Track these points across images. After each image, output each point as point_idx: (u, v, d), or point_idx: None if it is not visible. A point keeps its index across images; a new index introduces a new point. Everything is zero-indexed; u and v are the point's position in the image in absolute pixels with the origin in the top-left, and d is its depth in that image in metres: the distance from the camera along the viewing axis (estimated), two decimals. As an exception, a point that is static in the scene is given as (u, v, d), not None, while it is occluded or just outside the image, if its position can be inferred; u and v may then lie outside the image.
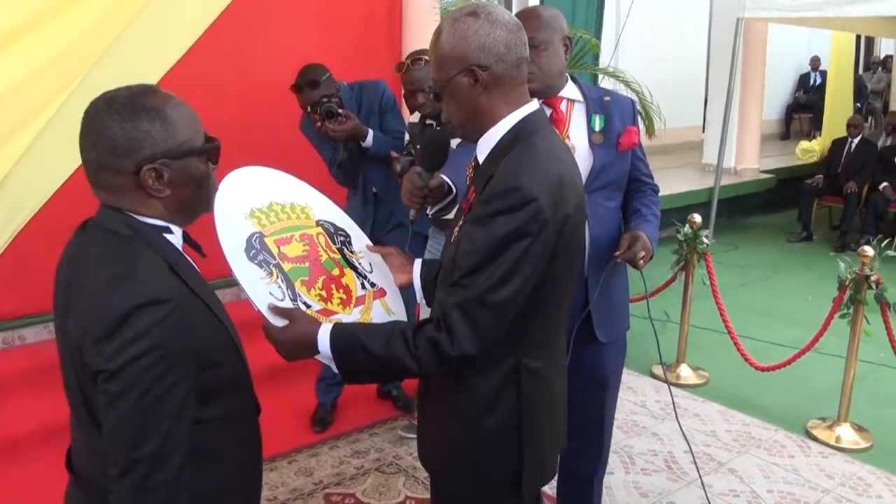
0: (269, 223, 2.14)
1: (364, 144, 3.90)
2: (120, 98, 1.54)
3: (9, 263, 4.03)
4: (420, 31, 5.32)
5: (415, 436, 3.96)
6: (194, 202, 1.67)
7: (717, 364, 5.05)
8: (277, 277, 2.02)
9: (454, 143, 2.70)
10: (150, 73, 4.14)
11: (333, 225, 2.32)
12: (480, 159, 1.92)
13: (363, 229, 3.11)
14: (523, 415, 1.88)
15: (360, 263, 2.28)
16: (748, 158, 9.71)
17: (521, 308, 1.78)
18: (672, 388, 4.57)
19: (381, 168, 3.99)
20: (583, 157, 2.69)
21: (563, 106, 2.73)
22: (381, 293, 2.26)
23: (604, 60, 7.53)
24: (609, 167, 2.71)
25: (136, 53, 4.15)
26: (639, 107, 6.13)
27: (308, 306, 2.03)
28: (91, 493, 1.63)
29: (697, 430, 4.25)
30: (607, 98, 2.78)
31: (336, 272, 2.20)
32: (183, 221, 1.68)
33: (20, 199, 4.01)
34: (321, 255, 2.20)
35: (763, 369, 4.58)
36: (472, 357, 1.74)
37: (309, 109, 3.81)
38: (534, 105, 1.89)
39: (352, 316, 2.13)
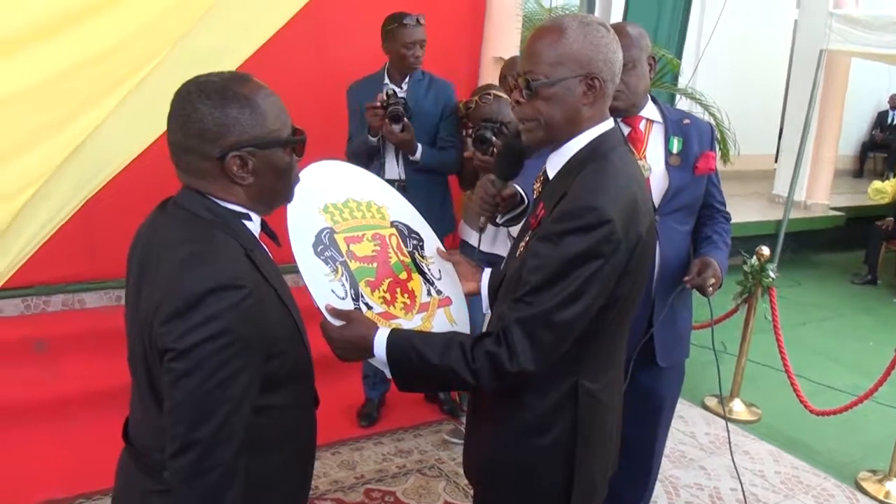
0: (341, 220, 2.13)
1: (412, 158, 3.90)
2: (212, 83, 1.56)
3: (77, 228, 4.08)
4: (501, 35, 5.29)
5: (460, 441, 3.97)
6: (276, 192, 1.68)
7: (772, 402, 4.94)
8: (342, 275, 2.01)
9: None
10: (233, 55, 4.18)
11: (408, 227, 2.29)
12: (551, 174, 1.90)
13: None
14: (578, 437, 1.85)
15: (429, 269, 2.25)
16: (819, 194, 9.50)
17: (585, 328, 1.75)
18: (724, 422, 4.51)
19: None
20: (658, 179, 2.67)
21: (641, 125, 2.71)
22: (446, 302, 2.23)
23: (682, 80, 7.42)
24: (684, 190, 2.69)
25: (220, 34, 4.19)
26: (715, 131, 6.03)
27: (370, 307, 2.02)
28: (145, 466, 1.64)
29: (746, 468, 4.16)
30: (687, 121, 2.76)
31: (403, 276, 2.17)
32: (262, 210, 1.69)
33: (94, 166, 4.07)
34: (391, 257, 2.17)
35: (818, 413, 4.47)
36: (530, 374, 1.72)
37: (403, 50, 3.86)
38: (610, 123, 1.86)
39: (413, 322, 2.11)
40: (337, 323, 1.86)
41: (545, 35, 1.79)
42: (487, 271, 2.19)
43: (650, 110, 2.73)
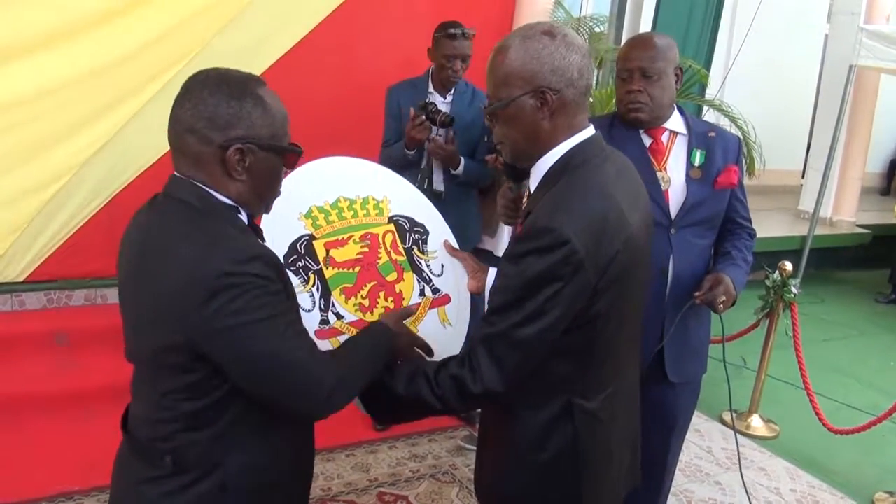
0: (325, 223, 2.07)
1: (454, 172, 3.88)
2: (234, 76, 1.61)
3: (103, 224, 4.16)
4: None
5: (474, 447, 3.96)
6: (262, 196, 1.70)
7: (790, 419, 4.90)
8: (313, 285, 1.98)
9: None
10: (262, 57, 4.25)
11: (411, 220, 2.23)
12: (532, 189, 1.85)
13: None
14: (578, 455, 1.82)
15: (428, 266, 2.20)
16: (845, 210, 9.41)
17: (569, 348, 1.72)
18: (741, 438, 4.47)
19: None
20: (677, 191, 2.65)
21: (664, 137, 2.68)
22: (442, 301, 2.18)
23: (710, 93, 7.38)
24: (702, 204, 2.65)
25: (250, 36, 4.25)
26: (743, 145, 5.97)
27: (340, 317, 2.00)
28: (142, 453, 1.66)
29: (762, 484, 4.13)
30: (712, 133, 2.72)
31: (392, 277, 2.12)
32: (247, 209, 1.70)
33: (121, 163, 4.14)
34: (379, 258, 2.12)
35: (837, 432, 4.43)
36: (498, 394, 1.70)
37: (443, 61, 3.84)
38: (588, 132, 1.80)
39: None
40: None
41: (493, 57, 1.77)
42: (493, 271, 2.14)
43: (675, 122, 2.70)
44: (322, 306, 1.99)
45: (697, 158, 2.66)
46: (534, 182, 1.84)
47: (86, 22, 3.86)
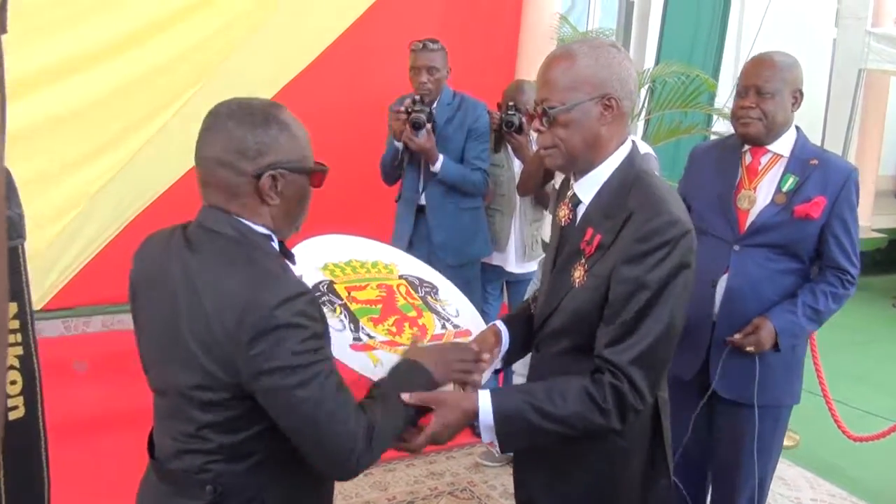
0: (342, 275, 2.17)
1: (433, 168, 3.91)
2: (255, 105, 1.63)
3: (119, 251, 4.18)
4: (535, 59, 5.32)
5: (492, 464, 3.97)
6: (294, 217, 1.73)
7: (809, 427, 4.84)
8: (341, 313, 2.04)
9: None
10: (273, 81, 4.28)
11: (420, 279, 2.33)
12: (584, 198, 1.89)
13: (401, 243, 2.95)
14: (665, 444, 1.93)
15: (444, 309, 2.26)
16: (860, 215, 9.33)
17: None
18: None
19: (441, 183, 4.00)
20: (755, 210, 2.68)
21: (764, 158, 2.71)
22: (464, 334, 2.21)
23: (719, 101, 7.39)
24: (773, 229, 2.65)
25: (260, 61, 4.28)
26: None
27: (371, 337, 2.04)
28: (177, 486, 1.66)
29: (782, 494, 4.11)
30: (814, 161, 2.68)
31: (413, 314, 2.19)
32: (280, 234, 1.72)
33: (135, 190, 4.17)
34: (398, 301, 2.20)
35: (857, 439, 4.40)
36: (644, 404, 1.78)
37: (411, 74, 3.91)
38: (630, 143, 1.88)
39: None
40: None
41: (558, 62, 1.82)
42: (500, 326, 2.11)
43: (782, 144, 2.71)
44: (353, 328, 2.03)
45: (788, 184, 2.66)
46: (586, 192, 1.88)
47: (96, 52, 3.90)
